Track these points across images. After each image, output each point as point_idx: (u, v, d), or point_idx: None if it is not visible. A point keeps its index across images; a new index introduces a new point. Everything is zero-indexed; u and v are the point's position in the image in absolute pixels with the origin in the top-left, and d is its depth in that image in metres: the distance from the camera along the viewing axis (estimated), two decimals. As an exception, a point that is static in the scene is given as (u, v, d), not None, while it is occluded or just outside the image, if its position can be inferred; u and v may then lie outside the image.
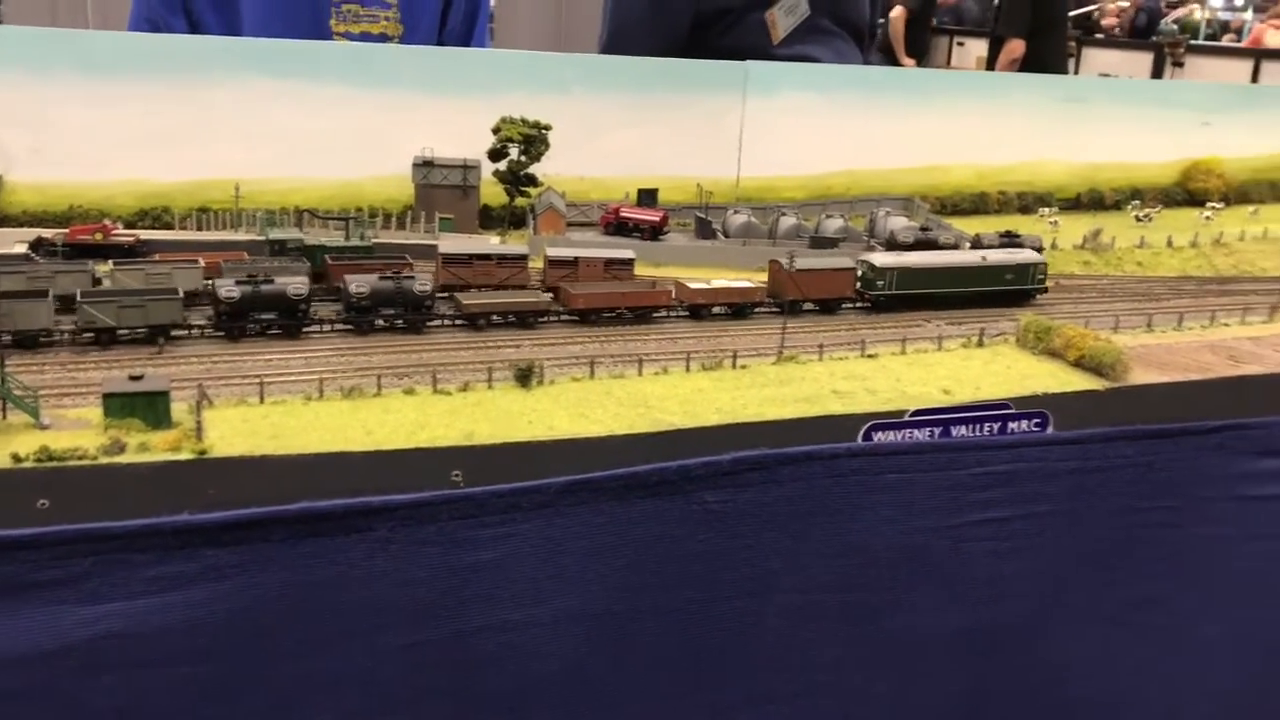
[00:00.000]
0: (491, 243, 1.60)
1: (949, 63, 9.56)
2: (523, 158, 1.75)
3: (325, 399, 1.05)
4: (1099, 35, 9.48)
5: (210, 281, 1.29)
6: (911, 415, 1.20)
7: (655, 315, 1.44)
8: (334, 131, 1.42)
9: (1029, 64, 6.26)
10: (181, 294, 1.27)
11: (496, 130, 1.72)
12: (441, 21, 2.56)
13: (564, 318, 1.30)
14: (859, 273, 1.72)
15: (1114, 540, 1.18)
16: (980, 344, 1.41)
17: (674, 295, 1.54)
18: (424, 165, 1.62)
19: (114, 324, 1.22)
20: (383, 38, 2.52)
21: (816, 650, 1.12)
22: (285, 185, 1.42)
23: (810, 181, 2.01)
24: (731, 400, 1.17)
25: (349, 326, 1.29)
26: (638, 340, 1.28)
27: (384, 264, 1.37)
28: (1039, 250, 1.91)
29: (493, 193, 1.78)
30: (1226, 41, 11.84)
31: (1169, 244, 2.07)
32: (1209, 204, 2.28)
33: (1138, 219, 2.20)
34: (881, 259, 1.75)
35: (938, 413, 1.21)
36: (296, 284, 1.33)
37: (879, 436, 1.17)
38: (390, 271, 1.40)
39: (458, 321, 1.35)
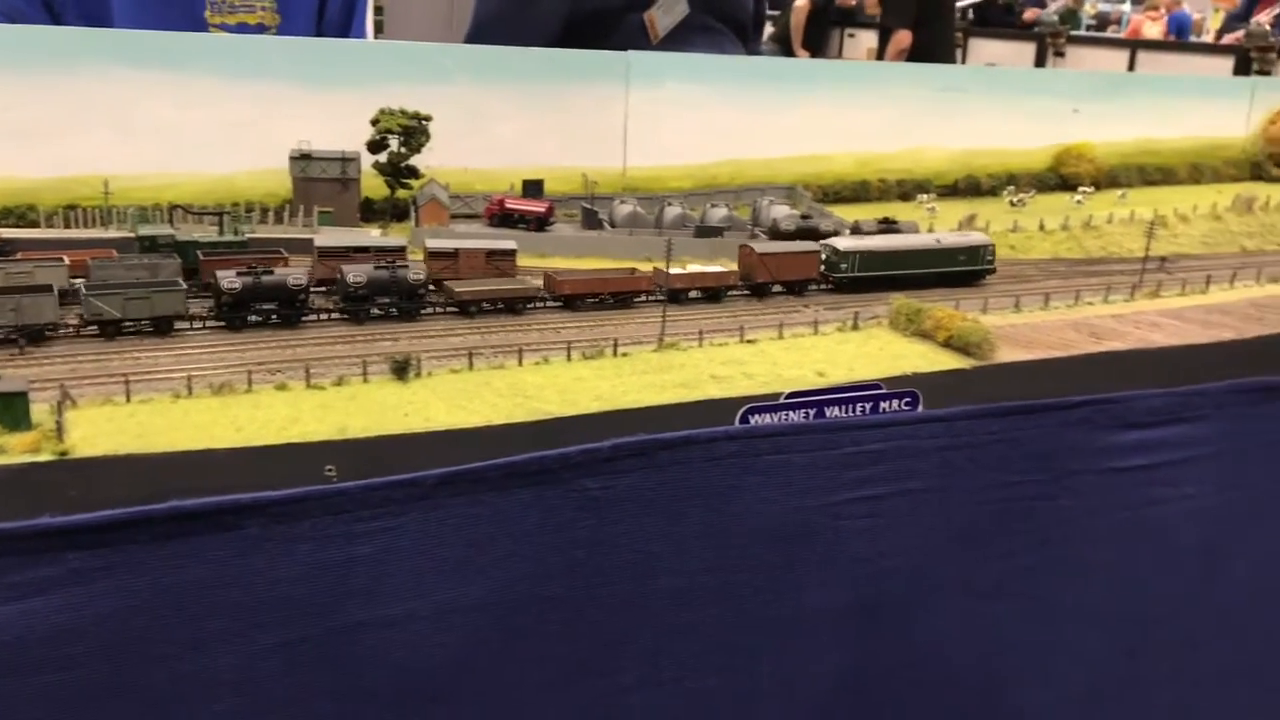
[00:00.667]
0: (372, 235, 1.58)
1: (840, 54, 9.71)
2: (403, 149, 1.73)
3: (195, 396, 1.03)
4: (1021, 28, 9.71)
5: (78, 280, 1.24)
6: (787, 398, 1.22)
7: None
8: (208, 125, 1.39)
9: (917, 54, 6.40)
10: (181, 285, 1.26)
11: (375, 122, 1.69)
12: (319, 12, 2.51)
13: (448, 309, 1.30)
14: (823, 256, 1.78)
15: (985, 514, 1.22)
16: (855, 327, 1.44)
17: (653, 281, 1.60)
18: (301, 158, 1.60)
19: (120, 315, 1.22)
20: (260, 28, 2.47)
21: (700, 632, 1.13)
22: (158, 181, 1.38)
23: (696, 171, 2.03)
24: (611, 388, 1.18)
25: (345, 316, 1.29)
26: (519, 331, 1.28)
27: (258, 259, 1.35)
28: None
29: (374, 185, 1.76)
30: (1110, 32, 12.24)
31: (1041, 227, 2.14)
32: (1080, 188, 2.36)
33: (1012, 204, 2.27)
34: (844, 243, 1.81)
35: (812, 394, 1.24)
36: (296, 274, 1.35)
37: (756, 419, 1.19)
38: (385, 261, 1.44)
39: (450, 309, 1.35)
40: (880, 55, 6.97)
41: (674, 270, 1.67)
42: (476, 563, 1.01)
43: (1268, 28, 7.61)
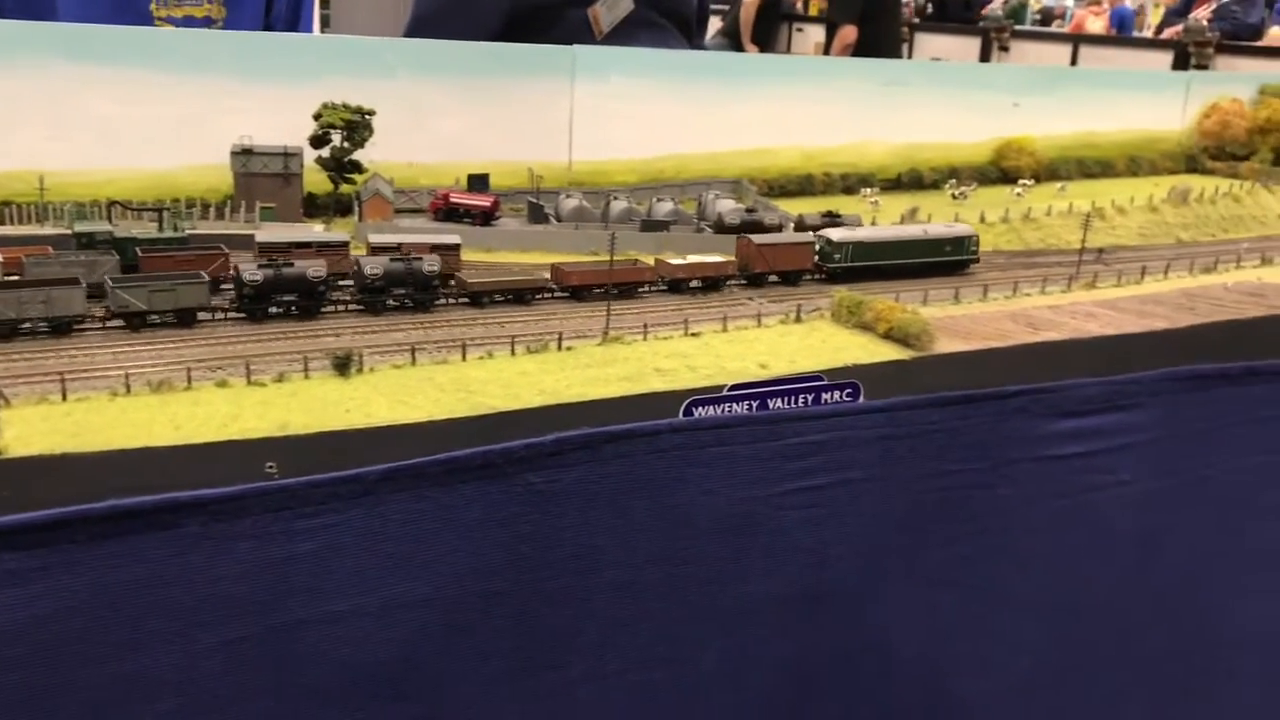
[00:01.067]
0: (315, 231, 1.57)
1: (789, 49, 9.76)
2: (346, 144, 1.72)
3: (133, 394, 1.02)
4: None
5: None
6: (730, 390, 1.23)
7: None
8: (148, 120, 1.37)
9: (863, 49, 6.45)
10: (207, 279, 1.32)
11: (318, 116, 1.68)
12: (267, 6, 2.49)
13: (460, 300, 1.32)
14: (817, 247, 1.84)
15: (926, 503, 1.23)
16: (798, 320, 1.46)
17: (656, 271, 1.65)
18: (243, 153, 1.58)
19: (146, 308, 1.24)
20: (206, 21, 2.45)
21: (646, 624, 1.14)
22: (97, 177, 1.36)
23: (642, 165, 2.04)
24: (555, 382, 1.19)
25: (361, 307, 1.34)
26: (463, 326, 1.28)
27: (199, 256, 1.34)
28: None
29: (317, 180, 1.74)
30: (1054, 27, 12.41)
31: (982, 219, 2.17)
32: (1020, 181, 2.39)
33: (954, 197, 2.30)
34: (838, 234, 1.88)
35: (755, 386, 1.25)
36: (315, 266, 1.41)
37: (699, 412, 1.20)
38: (397, 254, 1.49)
39: (463, 299, 1.40)
40: (827, 50, 7.01)
41: (674, 261, 1.73)
42: (420, 558, 1.01)
43: (1205, 23, 7.76)
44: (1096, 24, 11.41)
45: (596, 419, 1.07)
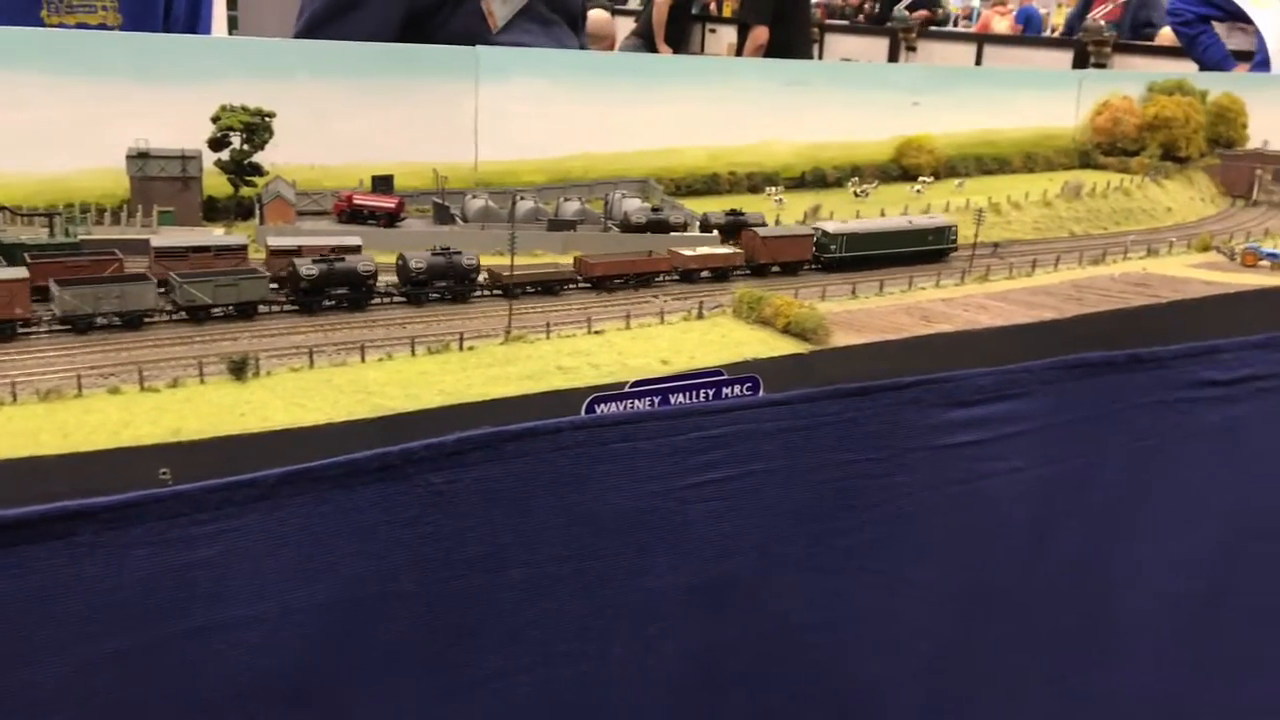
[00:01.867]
0: (215, 235, 1.55)
1: (702, 50, 9.83)
2: (246, 146, 1.69)
3: (19, 403, 1.00)
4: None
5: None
6: (631, 386, 1.25)
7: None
8: (39, 123, 1.34)
9: (775, 50, 6.52)
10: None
11: (216, 119, 1.66)
12: (166, 11, 2.44)
13: (286, 309, 1.34)
14: (815, 239, 1.96)
15: (826, 493, 1.26)
16: (700, 316, 1.47)
17: (670, 263, 1.76)
18: (139, 157, 1.55)
19: (210, 301, 1.31)
20: (101, 29, 2.39)
21: (553, 620, 1.15)
22: (-13, 182, 1.33)
23: (549, 165, 2.04)
24: (456, 382, 1.19)
25: (405, 299, 1.44)
26: (363, 328, 1.27)
27: (92, 261, 1.31)
28: (762, 226, 2.02)
29: (217, 183, 1.72)
30: (961, 27, 12.65)
31: (882, 216, 2.22)
32: (920, 178, 2.45)
33: (856, 194, 2.34)
34: (834, 227, 2.00)
35: (656, 382, 1.26)
36: (365, 261, 1.51)
37: (601, 409, 1.21)
38: (441, 249, 1.60)
39: (496, 291, 1.51)
40: (740, 51, 7.08)
41: (687, 252, 1.84)
42: (322, 561, 1.01)
43: (1103, 23, 7.99)
44: (1002, 24, 11.67)
45: (498, 418, 1.08)
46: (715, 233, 1.99)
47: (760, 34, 6.57)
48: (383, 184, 1.85)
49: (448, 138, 1.92)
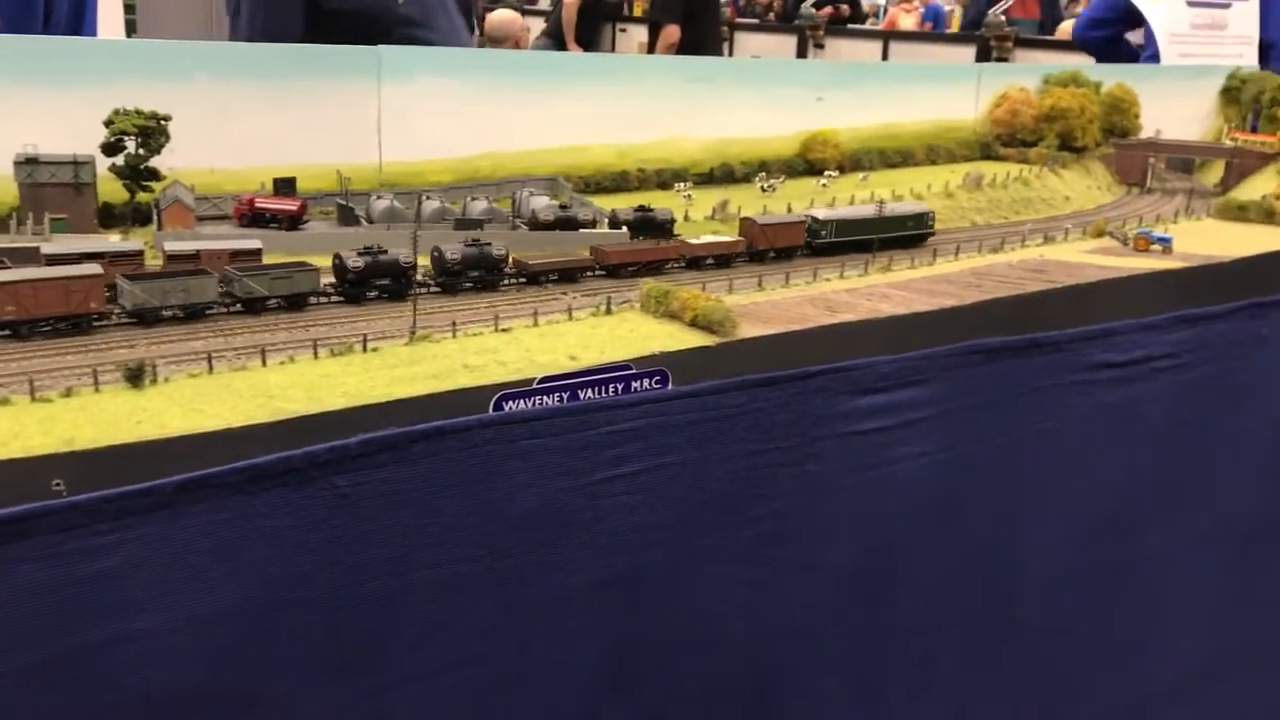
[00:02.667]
0: (110, 241, 1.51)
1: (613, 49, 9.84)
2: (141, 151, 1.66)
3: (-98, 418, 0.96)
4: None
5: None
6: (539, 383, 1.25)
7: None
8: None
9: (686, 48, 6.55)
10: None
11: (109, 123, 1.62)
12: (45, 15, 2.37)
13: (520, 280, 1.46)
14: (807, 225, 2.13)
15: (737, 483, 1.27)
16: (608, 311, 1.48)
17: (679, 251, 1.95)
18: (28, 163, 1.51)
19: (266, 293, 1.38)
20: None
21: (466, 621, 1.14)
22: None
23: (455, 164, 2.03)
24: (359, 383, 1.18)
25: (440, 289, 1.56)
26: (265, 332, 1.25)
27: None
28: (670, 223, 2.04)
29: (113, 189, 1.68)
30: (869, 24, 12.84)
31: (789, 211, 2.25)
32: (826, 172, 2.49)
33: (763, 189, 2.37)
34: (824, 214, 2.18)
35: (565, 378, 1.27)
36: (405, 254, 1.62)
37: (509, 406, 1.21)
38: (472, 239, 1.72)
39: (522, 280, 1.63)
40: (651, 50, 7.10)
41: (693, 241, 2.00)
42: (225, 569, 0.99)
43: (1003, 18, 8.19)
44: (909, 20, 11.87)
45: (404, 419, 1.07)
46: (624, 229, 2.00)
47: (671, 33, 6.60)
48: (285, 187, 1.82)
49: (351, 139, 1.89)
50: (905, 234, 2.24)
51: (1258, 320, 1.61)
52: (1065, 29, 8.21)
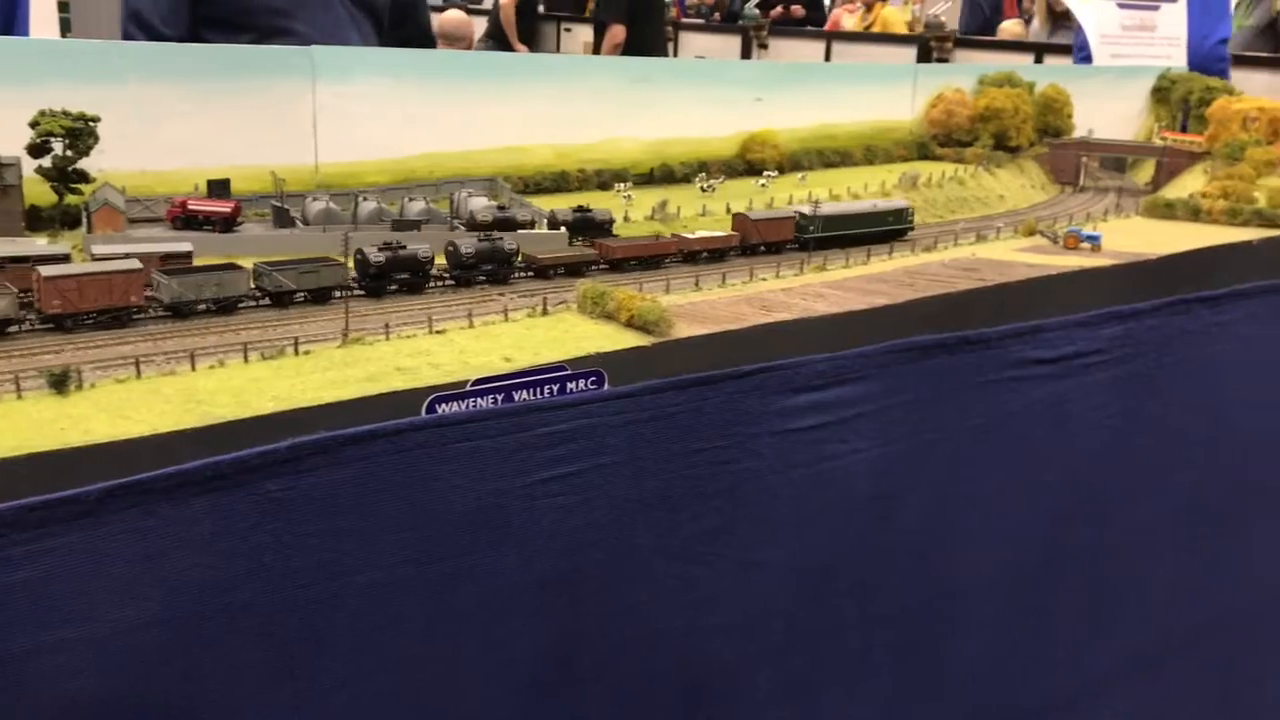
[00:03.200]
0: (36, 244, 1.49)
1: (558, 49, 9.81)
2: (69, 152, 1.63)
3: None
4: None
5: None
6: (473, 385, 1.24)
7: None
8: None
9: (631, 48, 6.55)
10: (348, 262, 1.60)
11: (35, 124, 1.59)
12: None
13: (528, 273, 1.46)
14: (796, 221, 2.20)
15: (675, 482, 1.28)
16: (545, 313, 1.48)
17: (677, 245, 2.05)
18: (-51, 165, 1.49)
19: (294, 287, 1.43)
20: None
21: (402, 625, 1.14)
22: None
23: (392, 165, 2.02)
24: (290, 387, 1.16)
25: (455, 282, 1.66)
26: (195, 336, 1.24)
27: None
28: (609, 224, 2.04)
29: (40, 191, 1.65)
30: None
31: (728, 211, 2.26)
32: (765, 172, 2.51)
33: (703, 189, 2.38)
34: (811, 210, 2.22)
35: (499, 380, 1.26)
36: (424, 249, 1.67)
37: (443, 408, 1.20)
38: (484, 234, 1.80)
39: (528, 274, 1.73)
40: (597, 49, 7.09)
41: (690, 235, 2.07)
42: (153, 577, 0.97)
43: (943, 19, 8.28)
44: (851, 21, 11.97)
45: (336, 422, 1.06)
46: (563, 230, 2.00)
47: (617, 32, 6.60)
48: (219, 188, 1.81)
49: (286, 140, 1.88)
50: (888, 228, 2.31)
51: (1184, 316, 1.65)
52: (1005, 28, 8.33)
